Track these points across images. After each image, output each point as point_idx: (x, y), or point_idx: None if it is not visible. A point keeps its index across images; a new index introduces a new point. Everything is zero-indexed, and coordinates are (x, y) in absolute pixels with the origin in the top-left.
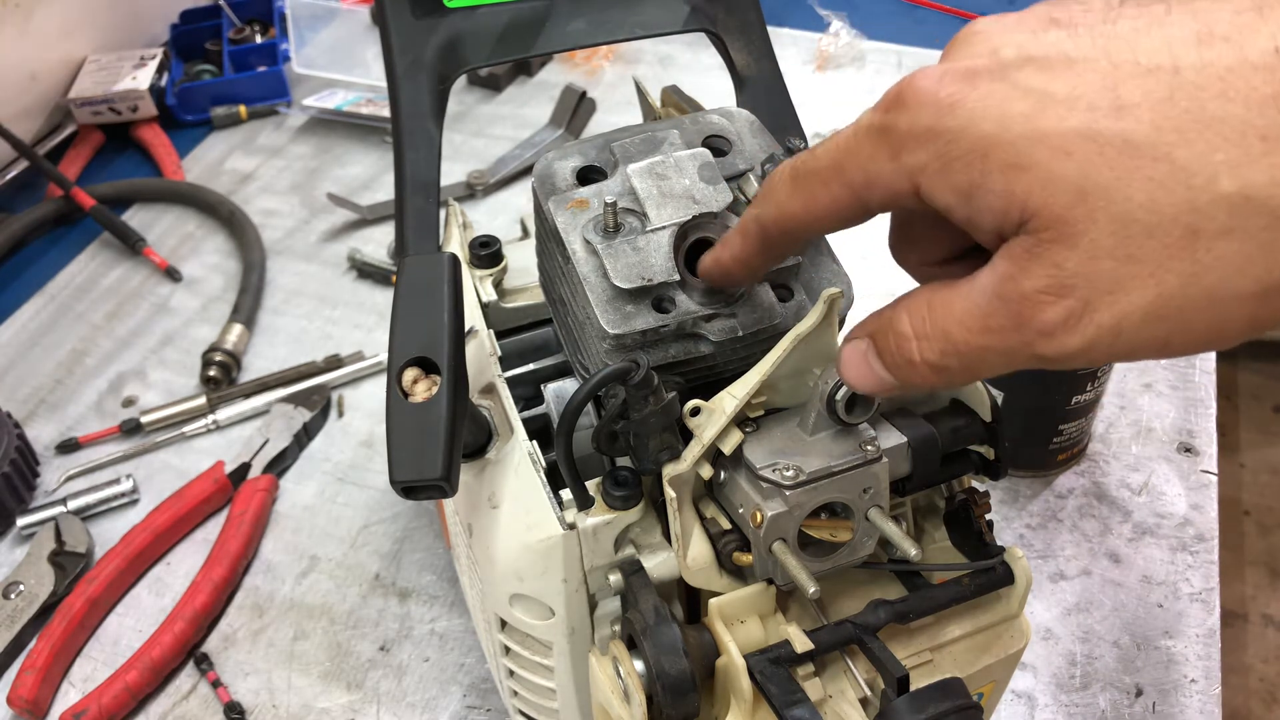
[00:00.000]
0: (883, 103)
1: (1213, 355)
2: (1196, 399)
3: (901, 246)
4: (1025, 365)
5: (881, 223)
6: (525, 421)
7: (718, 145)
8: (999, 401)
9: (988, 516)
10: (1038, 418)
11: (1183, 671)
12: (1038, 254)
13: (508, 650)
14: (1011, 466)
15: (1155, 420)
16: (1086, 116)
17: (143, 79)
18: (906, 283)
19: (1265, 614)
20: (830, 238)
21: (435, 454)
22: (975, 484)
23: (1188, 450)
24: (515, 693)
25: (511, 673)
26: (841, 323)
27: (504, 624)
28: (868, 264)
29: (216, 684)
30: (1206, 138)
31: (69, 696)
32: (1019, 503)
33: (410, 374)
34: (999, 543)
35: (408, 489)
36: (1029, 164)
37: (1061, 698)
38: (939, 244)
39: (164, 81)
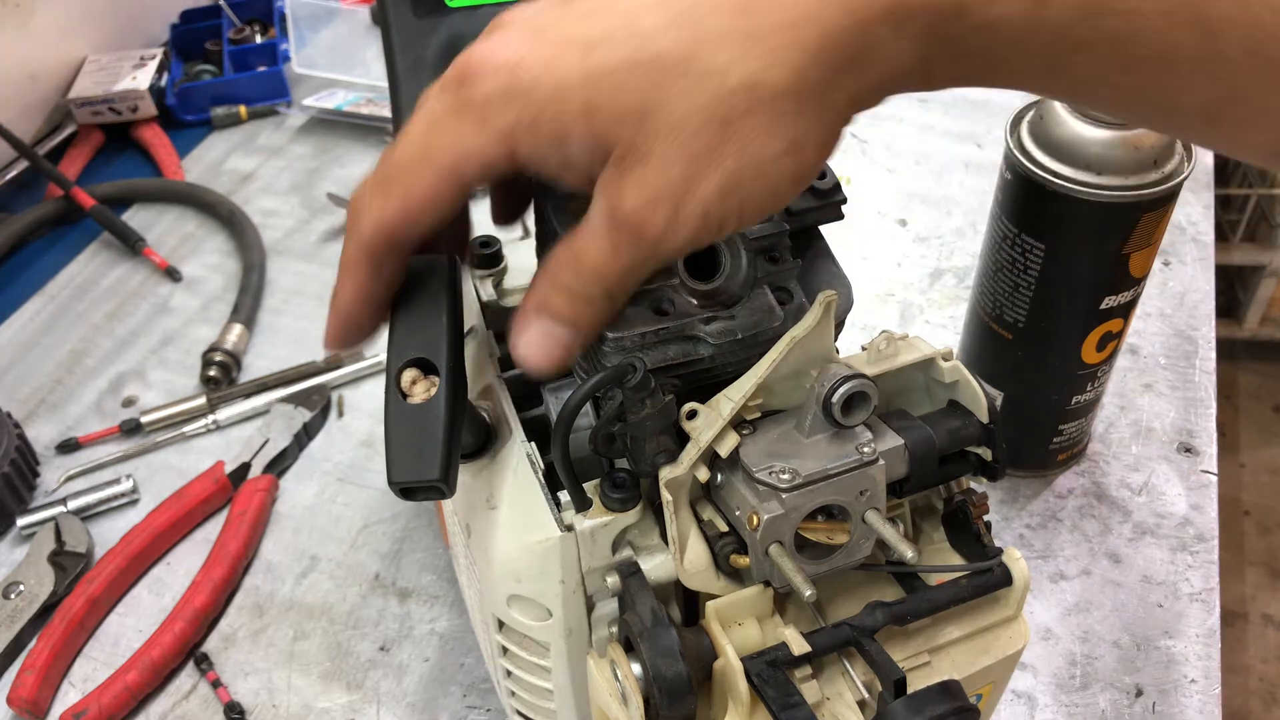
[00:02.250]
0: (449, 83)
1: (1213, 355)
2: (1196, 399)
3: (500, 212)
4: (661, 264)
5: (881, 227)
6: (524, 422)
7: None
8: (998, 402)
9: (985, 518)
10: (1038, 418)
11: (1183, 671)
12: (626, 176)
13: (505, 651)
14: (1011, 466)
15: (1155, 420)
16: (624, 50)
17: (143, 79)
18: (905, 285)
19: (1265, 614)
20: (830, 239)
21: (433, 455)
22: (973, 485)
23: (1188, 450)
24: (513, 693)
25: (509, 673)
26: (840, 325)
27: (501, 625)
28: (868, 265)
29: (216, 684)
30: (711, 45)
31: (69, 696)
32: (1019, 502)
33: (409, 375)
34: (998, 543)
35: (405, 490)
36: (597, 105)
37: (1061, 698)
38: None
39: (164, 81)
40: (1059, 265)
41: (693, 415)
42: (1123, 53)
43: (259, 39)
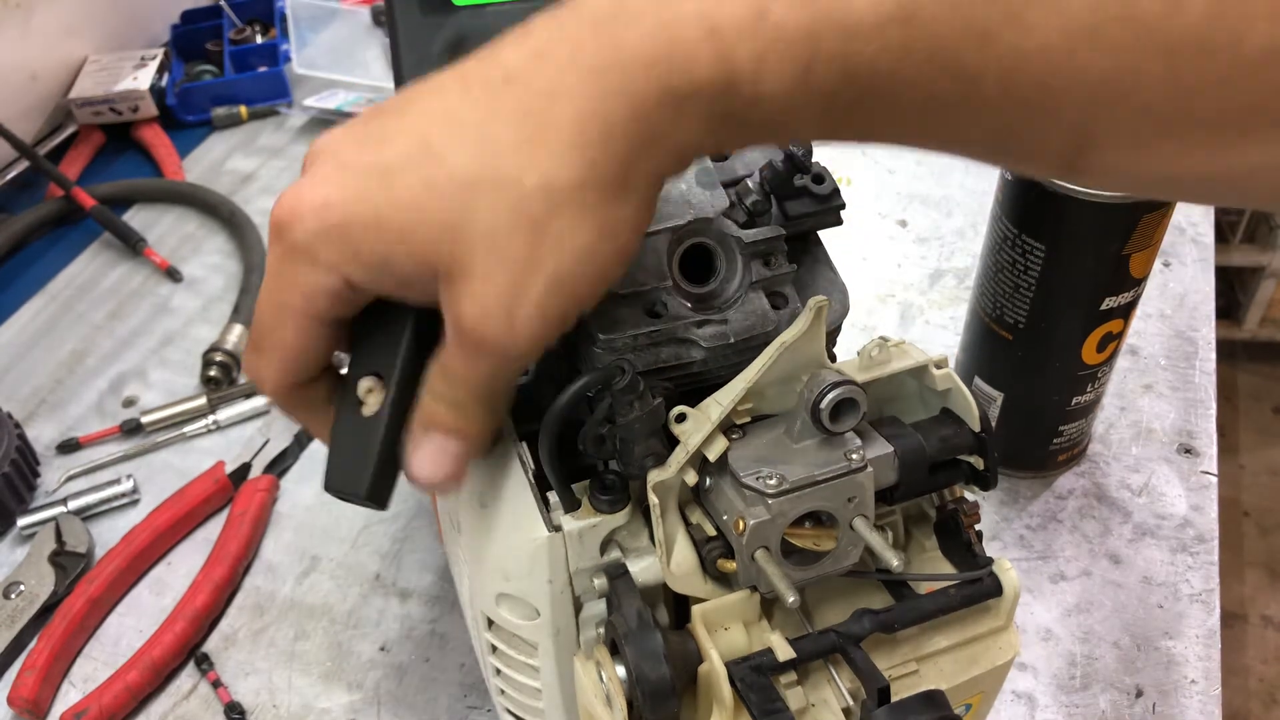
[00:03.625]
0: (272, 233)
1: (1212, 356)
2: (1196, 400)
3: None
4: (520, 364)
5: (881, 228)
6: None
7: None
8: (995, 407)
9: (977, 527)
10: (1038, 418)
11: (1183, 672)
12: (457, 291)
13: (495, 649)
14: (1012, 467)
15: (1155, 421)
16: (422, 173)
17: (143, 79)
18: (905, 286)
19: (1265, 615)
20: (829, 242)
21: (365, 471)
22: (966, 494)
23: (1188, 451)
24: (502, 691)
25: (498, 671)
26: (836, 332)
27: (491, 623)
28: (868, 266)
29: (217, 684)
30: (502, 156)
31: (69, 696)
32: (1019, 503)
33: (365, 384)
34: (1000, 544)
35: (340, 496)
36: (410, 230)
37: (1062, 698)
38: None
39: (165, 82)
40: (1059, 266)
41: (682, 419)
42: (893, 105)
43: (259, 39)
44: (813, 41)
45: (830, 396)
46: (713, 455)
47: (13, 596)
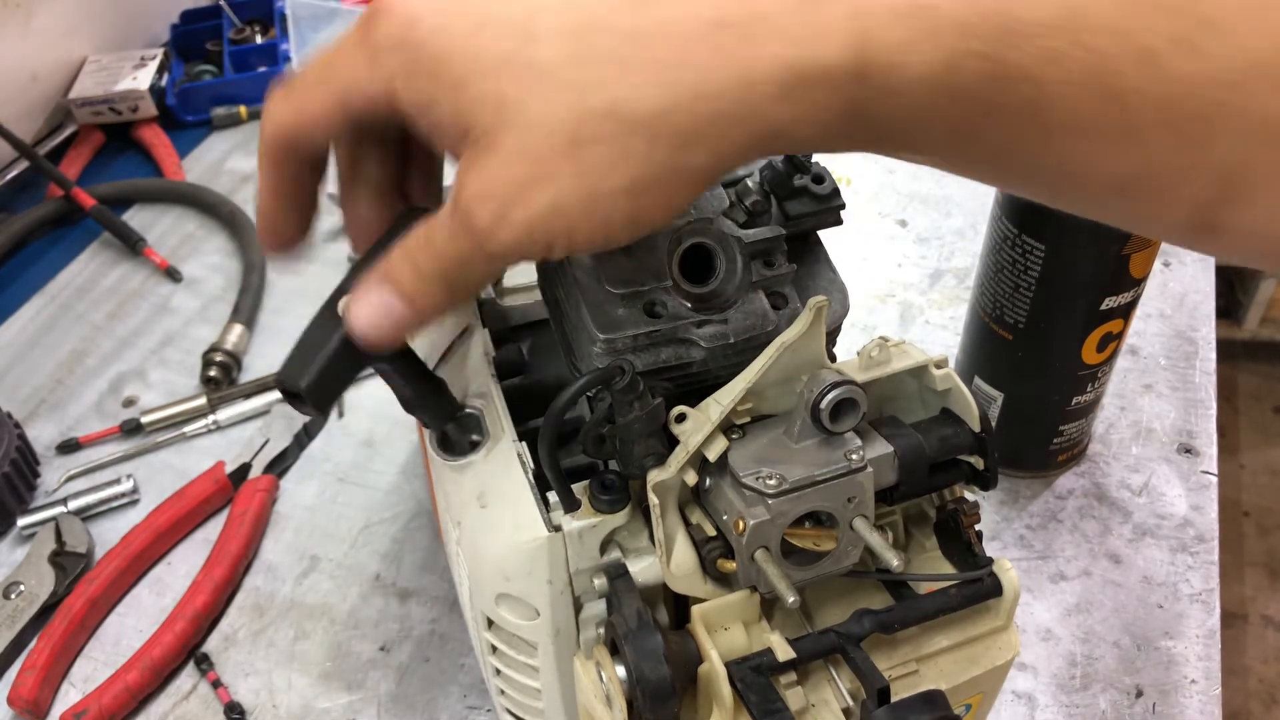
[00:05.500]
0: (364, 16)
1: (1213, 356)
2: (1197, 400)
3: (353, 185)
4: (490, 266)
5: (881, 228)
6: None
7: None
8: (995, 407)
9: (977, 527)
10: (1038, 418)
11: (1183, 672)
12: (474, 162)
13: (494, 649)
14: (1012, 467)
15: (1155, 421)
16: (508, 41)
17: (143, 79)
18: (905, 285)
19: (1265, 615)
20: (829, 242)
21: (310, 367)
22: (966, 494)
23: (1188, 451)
24: (502, 691)
25: (498, 671)
26: (837, 332)
27: (490, 623)
28: (869, 266)
29: (217, 684)
30: (588, 61)
31: (69, 696)
32: (1019, 503)
33: (346, 300)
34: (1000, 544)
35: (283, 391)
36: (467, 82)
37: (1062, 698)
38: (386, 166)
39: (164, 82)
40: (1059, 266)
41: (681, 419)
42: (1034, 121)
43: (259, 39)
44: (964, 34)
45: (830, 396)
46: (713, 455)
47: (13, 596)
